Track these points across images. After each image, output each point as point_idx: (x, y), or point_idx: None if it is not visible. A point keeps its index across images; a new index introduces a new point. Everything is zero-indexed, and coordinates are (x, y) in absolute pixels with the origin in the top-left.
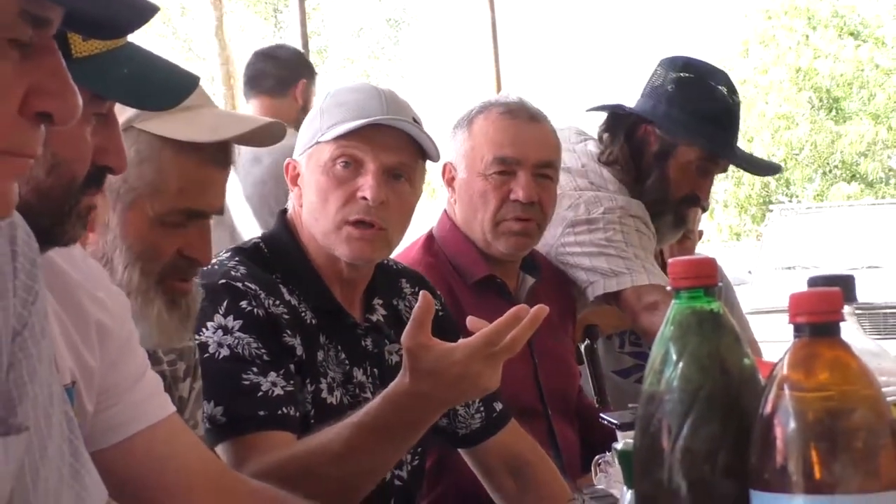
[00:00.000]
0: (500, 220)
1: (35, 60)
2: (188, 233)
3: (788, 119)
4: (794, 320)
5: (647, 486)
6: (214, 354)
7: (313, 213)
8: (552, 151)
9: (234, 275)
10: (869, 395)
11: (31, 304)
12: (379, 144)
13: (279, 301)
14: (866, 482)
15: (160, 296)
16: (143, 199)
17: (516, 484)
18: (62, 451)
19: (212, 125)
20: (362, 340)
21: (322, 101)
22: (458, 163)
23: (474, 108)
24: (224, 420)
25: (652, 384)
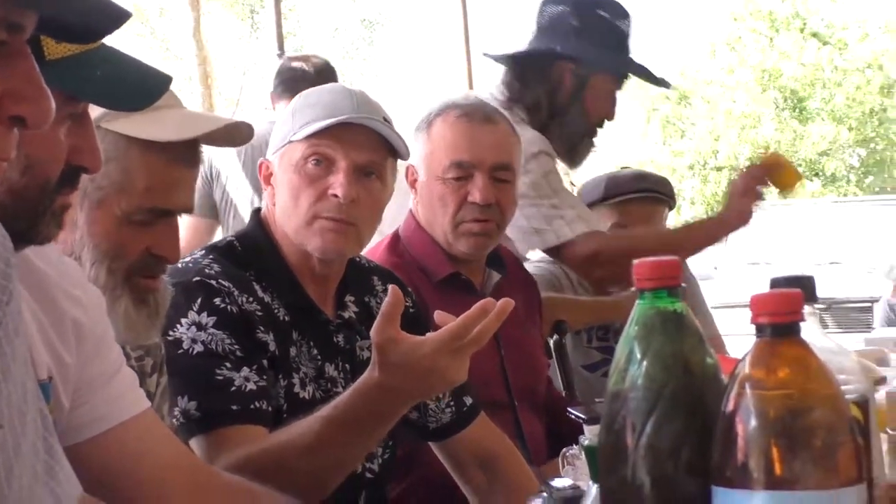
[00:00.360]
0: (459, 222)
1: (8, 65)
2: (156, 231)
3: (754, 118)
4: (755, 321)
5: (612, 481)
6: (188, 350)
7: (286, 210)
8: (509, 153)
9: (209, 272)
10: (828, 394)
11: (6, 304)
12: (349, 143)
13: (252, 298)
14: (825, 479)
15: (127, 293)
16: (111, 198)
17: (486, 477)
18: (36, 448)
19: (178, 124)
20: (334, 336)
21: (294, 102)
22: (418, 166)
23: (433, 111)
24: (198, 414)
25: (617, 382)
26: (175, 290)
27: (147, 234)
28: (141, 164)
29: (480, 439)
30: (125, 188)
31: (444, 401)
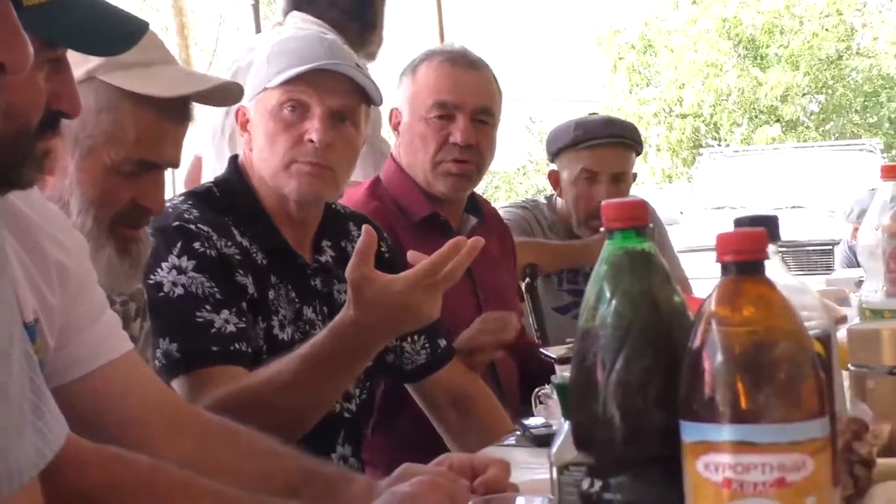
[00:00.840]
0: (439, 162)
1: None
2: (142, 183)
3: (716, 67)
4: (720, 259)
5: (583, 417)
6: (169, 293)
7: (262, 155)
8: (491, 98)
9: (188, 217)
10: (792, 330)
11: None
12: (324, 89)
13: (231, 242)
14: (789, 412)
15: (111, 242)
16: (100, 148)
17: (459, 416)
18: (23, 389)
19: (170, 81)
20: (311, 280)
21: (268, 49)
22: (402, 107)
23: (418, 57)
24: (178, 356)
25: (587, 320)
26: (155, 235)
27: (133, 186)
28: (132, 116)
29: (454, 380)
30: (115, 139)
31: (419, 343)
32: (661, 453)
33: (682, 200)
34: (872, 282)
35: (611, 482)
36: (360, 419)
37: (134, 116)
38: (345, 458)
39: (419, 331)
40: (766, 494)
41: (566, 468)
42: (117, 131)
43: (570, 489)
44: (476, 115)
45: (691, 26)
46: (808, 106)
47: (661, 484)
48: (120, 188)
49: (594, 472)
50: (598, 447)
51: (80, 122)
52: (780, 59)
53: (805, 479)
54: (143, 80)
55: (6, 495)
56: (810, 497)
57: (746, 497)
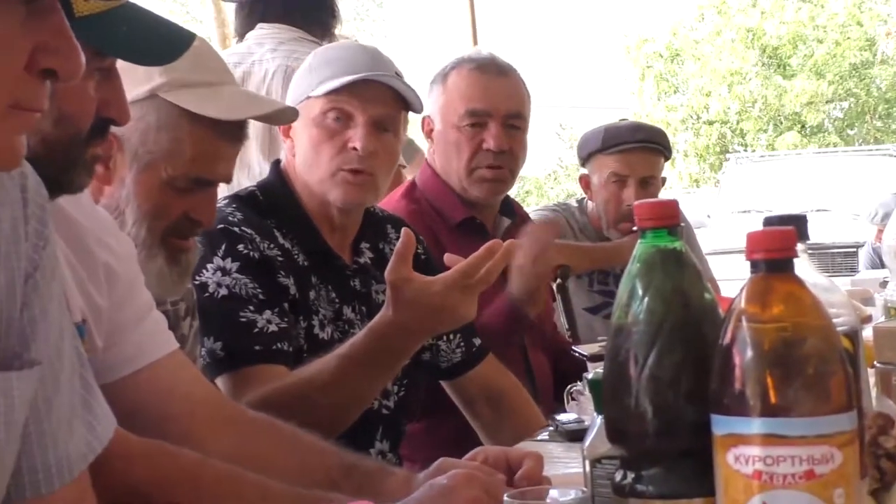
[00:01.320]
0: (474, 168)
1: (40, 19)
2: (196, 198)
3: (741, 75)
4: (750, 257)
5: (616, 410)
6: (214, 294)
7: (307, 162)
8: (521, 103)
9: (232, 220)
10: (820, 326)
11: (42, 249)
12: (367, 98)
13: (273, 244)
14: (817, 406)
15: (162, 252)
16: (158, 163)
17: (493, 412)
18: (73, 384)
19: (230, 104)
20: (351, 281)
21: (310, 59)
22: (434, 116)
23: (448, 65)
24: (223, 354)
25: (620, 317)
26: (201, 237)
27: (187, 200)
28: (190, 135)
29: (488, 377)
30: (173, 156)
31: (455, 341)
32: (692, 446)
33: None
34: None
35: (643, 474)
36: (397, 415)
37: (192, 135)
38: (383, 453)
39: (455, 330)
40: (796, 486)
41: (599, 461)
42: (175, 149)
43: (603, 482)
44: (507, 120)
45: (717, 36)
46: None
47: (693, 476)
48: (173, 202)
49: (627, 464)
50: (631, 440)
51: (141, 137)
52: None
53: (833, 471)
54: (203, 101)
55: (58, 486)
56: (838, 489)
57: (776, 489)
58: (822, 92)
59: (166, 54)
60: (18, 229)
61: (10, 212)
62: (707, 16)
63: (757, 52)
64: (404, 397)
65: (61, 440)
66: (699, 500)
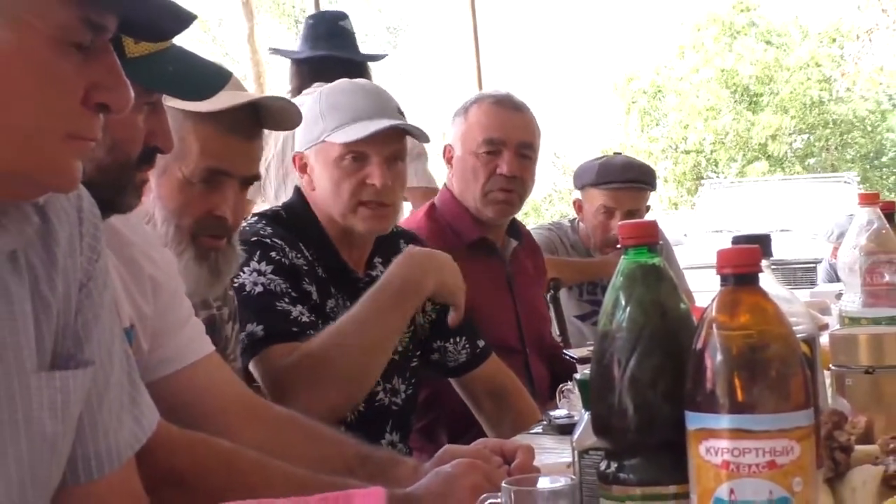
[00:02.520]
0: (488, 191)
1: (95, 60)
2: (215, 194)
3: (715, 110)
4: (720, 272)
5: (601, 408)
6: (250, 291)
7: (328, 197)
8: (532, 135)
9: (263, 233)
10: (782, 333)
11: (95, 262)
12: (379, 140)
13: (299, 255)
14: (779, 404)
15: (191, 249)
16: (172, 165)
17: (495, 407)
18: (122, 382)
19: (219, 99)
20: (363, 292)
21: (316, 101)
22: (455, 144)
23: (470, 100)
24: (262, 334)
25: (605, 325)
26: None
27: (208, 197)
28: (194, 132)
29: (491, 376)
30: (183, 154)
31: (461, 343)
32: (668, 439)
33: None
34: (851, 294)
35: (625, 464)
36: (406, 410)
37: (195, 131)
38: (393, 443)
39: (461, 333)
40: (759, 475)
41: (586, 452)
42: (183, 147)
43: (590, 470)
44: (520, 149)
45: (694, 75)
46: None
47: (669, 466)
48: (195, 200)
49: (611, 455)
50: (615, 434)
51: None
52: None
53: (793, 462)
54: (198, 101)
55: (107, 471)
56: (797, 478)
57: (742, 477)
58: (786, 125)
59: (207, 90)
60: (74, 244)
61: (68, 229)
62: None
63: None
64: (412, 394)
65: (111, 431)
66: (674, 487)
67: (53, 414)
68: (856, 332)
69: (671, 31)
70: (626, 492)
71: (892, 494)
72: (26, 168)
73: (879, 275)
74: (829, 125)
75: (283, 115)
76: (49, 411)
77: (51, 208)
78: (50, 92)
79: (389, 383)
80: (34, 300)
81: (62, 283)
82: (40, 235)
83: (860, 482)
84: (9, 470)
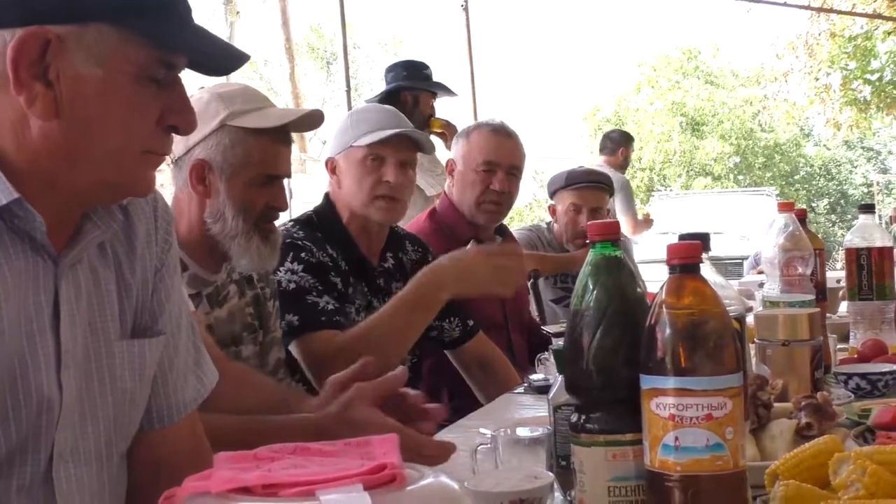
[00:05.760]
0: (482, 202)
1: (168, 89)
2: (270, 191)
3: (666, 135)
4: (669, 262)
5: (572, 371)
6: (286, 287)
7: (352, 191)
8: (520, 158)
9: (296, 236)
10: (718, 312)
11: (167, 251)
12: (395, 146)
13: (325, 254)
14: (715, 368)
15: (257, 234)
16: (239, 170)
17: (484, 374)
18: (188, 348)
19: (275, 117)
20: (377, 279)
21: (347, 118)
22: (457, 160)
23: (471, 126)
24: (298, 324)
25: (576, 305)
26: None
27: (265, 193)
28: (255, 145)
29: (480, 348)
30: (248, 162)
31: (455, 322)
32: (626, 396)
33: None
34: (771, 283)
35: (591, 416)
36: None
37: (257, 145)
38: None
39: (454, 314)
40: (699, 426)
41: (560, 408)
42: (247, 157)
43: (563, 422)
44: (510, 170)
45: (650, 106)
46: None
47: (626, 417)
48: (256, 197)
49: (580, 409)
50: (583, 392)
51: (223, 156)
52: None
53: (726, 415)
54: (257, 120)
55: (176, 419)
56: (729, 427)
57: (685, 427)
58: (724, 150)
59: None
60: (151, 237)
61: (146, 224)
62: (643, 91)
63: (679, 119)
64: (416, 364)
65: (179, 388)
66: (630, 435)
67: (133, 373)
68: (775, 312)
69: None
70: (592, 439)
71: (804, 443)
72: (112, 179)
73: (794, 267)
74: (756, 150)
75: (307, 122)
76: (129, 371)
77: (132, 207)
78: (132, 118)
79: None
80: (118, 282)
81: (140, 268)
82: (123, 230)
83: (778, 432)
84: (97, 416)
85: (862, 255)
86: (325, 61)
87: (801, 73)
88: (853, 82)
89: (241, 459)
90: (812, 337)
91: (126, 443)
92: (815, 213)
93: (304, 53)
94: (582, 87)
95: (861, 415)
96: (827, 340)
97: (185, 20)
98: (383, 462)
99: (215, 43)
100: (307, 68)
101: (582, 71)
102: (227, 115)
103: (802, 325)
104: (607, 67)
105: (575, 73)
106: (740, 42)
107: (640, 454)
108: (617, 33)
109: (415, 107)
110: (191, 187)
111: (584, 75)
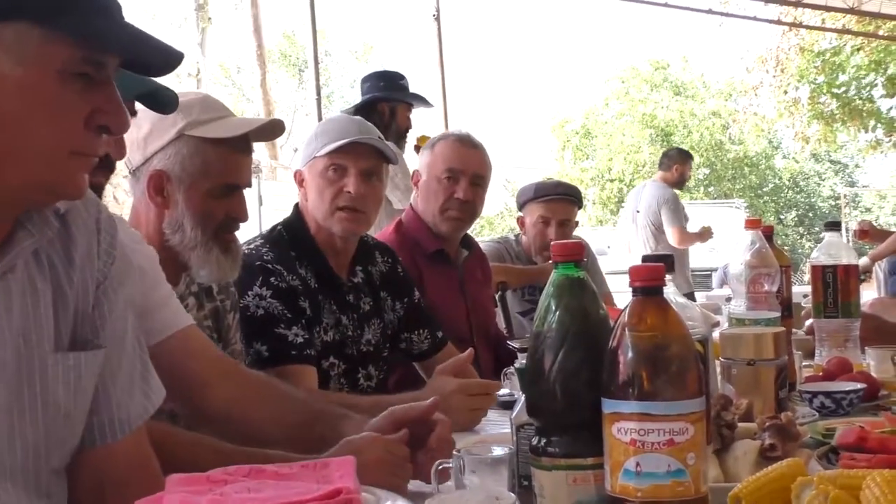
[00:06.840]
0: (445, 209)
1: (97, 89)
2: (230, 201)
3: (635, 147)
4: (632, 284)
5: (534, 393)
6: (254, 313)
7: (315, 203)
8: (485, 168)
9: (266, 259)
10: (681, 335)
11: (111, 265)
12: (356, 155)
13: (295, 276)
14: (677, 393)
15: (217, 245)
16: (197, 181)
17: None
18: (134, 363)
19: (233, 126)
20: (346, 295)
21: (314, 129)
22: (422, 170)
23: (436, 137)
24: (267, 355)
25: (538, 326)
26: (243, 271)
27: (224, 204)
28: (214, 155)
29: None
30: (206, 172)
31: (423, 335)
32: (587, 420)
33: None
34: (738, 299)
35: (552, 439)
36: (378, 391)
37: (215, 154)
38: None
39: (424, 326)
40: (660, 451)
41: (522, 427)
42: (206, 167)
43: (524, 442)
44: (474, 179)
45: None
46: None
47: (588, 442)
48: (215, 207)
49: (541, 431)
50: (544, 415)
51: (181, 166)
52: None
53: (687, 440)
54: (216, 130)
55: (120, 436)
56: (691, 453)
57: (646, 452)
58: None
59: None
60: (92, 249)
61: (87, 236)
62: (612, 103)
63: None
64: (383, 378)
65: (123, 403)
66: (591, 459)
67: (67, 387)
68: (740, 332)
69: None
70: (553, 462)
71: (767, 464)
72: (39, 180)
73: (760, 284)
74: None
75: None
76: (63, 385)
77: (71, 217)
78: (56, 117)
79: (366, 370)
80: (55, 292)
81: (79, 279)
82: (60, 239)
83: (742, 453)
84: (25, 431)
85: (828, 273)
86: (297, 68)
87: (771, 87)
88: (821, 96)
89: (193, 482)
90: (777, 356)
91: (62, 459)
92: (783, 224)
93: (277, 60)
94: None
95: (825, 434)
96: (792, 357)
97: (113, 18)
98: (339, 486)
99: (148, 42)
100: (279, 76)
101: (553, 81)
102: (185, 125)
103: (768, 345)
104: (578, 78)
105: (546, 83)
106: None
107: (602, 478)
108: (588, 45)
109: (392, 118)
110: (149, 198)
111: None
